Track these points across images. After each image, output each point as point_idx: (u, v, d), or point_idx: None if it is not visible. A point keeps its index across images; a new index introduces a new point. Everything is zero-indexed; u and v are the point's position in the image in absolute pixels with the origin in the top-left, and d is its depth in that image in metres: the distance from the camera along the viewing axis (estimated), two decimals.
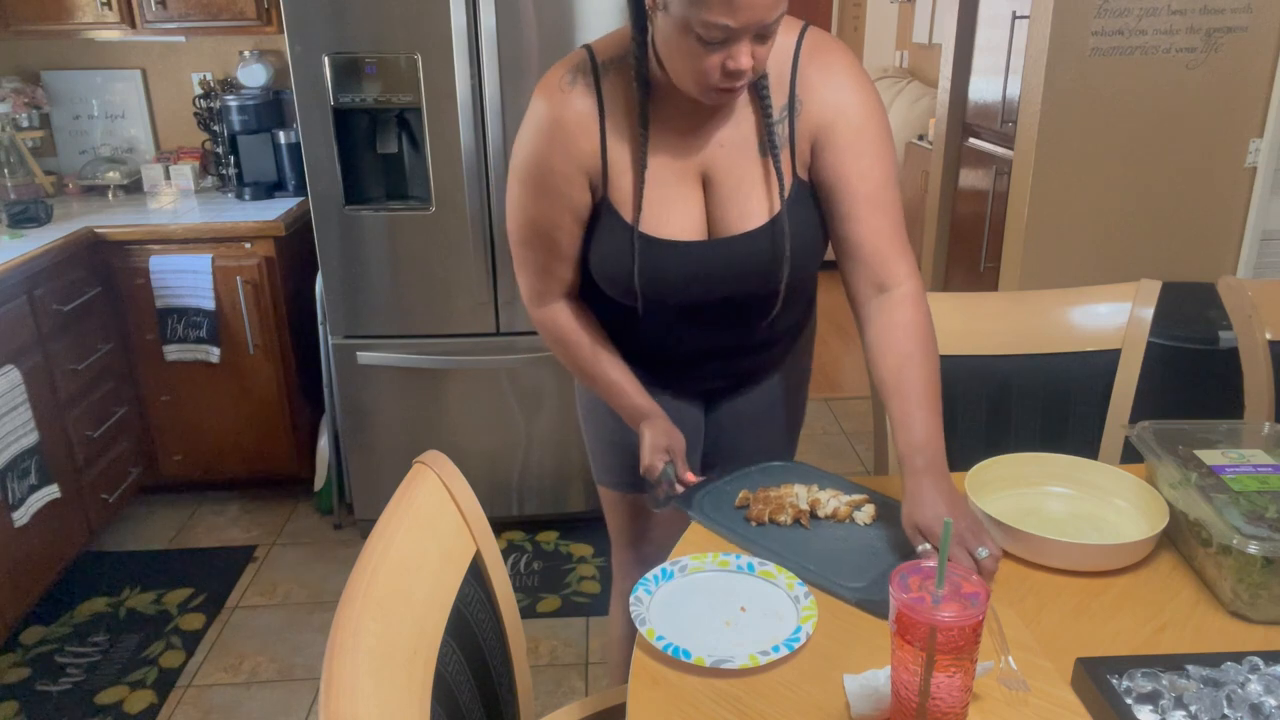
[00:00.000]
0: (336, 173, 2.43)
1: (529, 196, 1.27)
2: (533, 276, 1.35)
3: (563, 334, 1.38)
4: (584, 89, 1.22)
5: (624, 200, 1.24)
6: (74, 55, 3.09)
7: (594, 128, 1.22)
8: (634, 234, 1.24)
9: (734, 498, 1.27)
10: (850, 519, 1.22)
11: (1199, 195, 2.92)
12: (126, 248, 2.66)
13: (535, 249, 1.31)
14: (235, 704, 2.17)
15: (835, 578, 1.10)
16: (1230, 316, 1.67)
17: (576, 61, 1.24)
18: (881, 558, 1.14)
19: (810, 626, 1.01)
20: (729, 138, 1.23)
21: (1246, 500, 1.11)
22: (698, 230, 1.25)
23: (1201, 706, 0.87)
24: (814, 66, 1.22)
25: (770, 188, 1.24)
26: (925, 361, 1.18)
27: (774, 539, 1.18)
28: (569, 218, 1.27)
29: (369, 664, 0.80)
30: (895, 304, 1.22)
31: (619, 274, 1.26)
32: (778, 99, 1.22)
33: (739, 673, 0.96)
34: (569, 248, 1.30)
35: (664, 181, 1.24)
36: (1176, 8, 2.71)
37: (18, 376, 2.24)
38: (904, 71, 6.11)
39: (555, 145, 1.22)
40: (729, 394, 1.49)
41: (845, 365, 4.12)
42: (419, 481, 1.04)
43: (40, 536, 2.35)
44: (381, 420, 2.66)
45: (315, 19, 2.30)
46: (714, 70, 1.09)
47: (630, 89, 1.21)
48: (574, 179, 1.24)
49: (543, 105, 1.23)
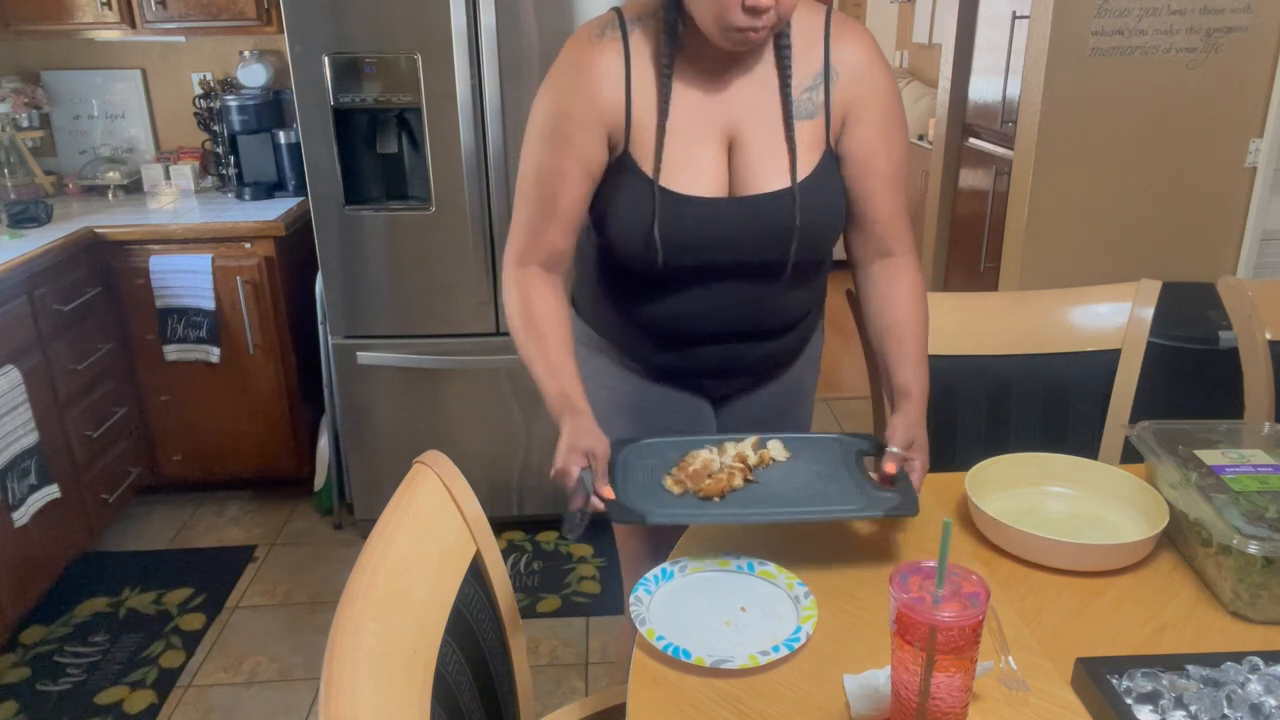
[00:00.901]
0: (336, 173, 2.43)
1: (540, 143, 1.25)
2: (523, 234, 1.30)
3: (528, 297, 1.30)
4: (611, 41, 1.23)
5: (645, 154, 1.23)
6: (74, 55, 3.09)
7: (619, 79, 1.22)
8: (654, 187, 1.23)
9: (658, 489, 1.18)
10: (770, 459, 1.23)
11: (1199, 195, 2.92)
12: (126, 248, 2.65)
13: (533, 203, 1.28)
14: (235, 704, 2.17)
15: (841, 506, 1.12)
16: (1230, 316, 1.67)
17: (605, 19, 1.25)
18: (843, 474, 1.19)
19: (810, 626, 1.01)
20: (759, 101, 1.24)
21: (1246, 500, 1.11)
22: (719, 188, 1.25)
23: (1201, 706, 0.87)
24: (848, 41, 1.26)
25: (798, 153, 1.24)
26: (925, 316, 1.34)
27: (745, 504, 1.14)
28: (577, 170, 1.24)
29: (369, 664, 0.80)
30: (902, 267, 1.34)
31: (638, 230, 1.24)
32: (810, 66, 1.24)
33: (739, 673, 0.96)
34: (569, 205, 1.27)
35: (688, 138, 1.23)
36: (1176, 8, 2.71)
37: (18, 376, 2.24)
38: (904, 71, 6.11)
39: (577, 92, 1.22)
40: (740, 394, 1.47)
41: (845, 365, 4.12)
42: (419, 481, 1.04)
43: (40, 536, 2.35)
44: (381, 420, 2.66)
45: (315, 19, 2.30)
46: (734, 6, 1.09)
47: (658, 42, 1.22)
48: (590, 128, 1.23)
49: (568, 54, 1.25)
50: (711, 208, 1.24)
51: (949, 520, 0.85)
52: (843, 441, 1.29)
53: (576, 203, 1.27)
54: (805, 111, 1.25)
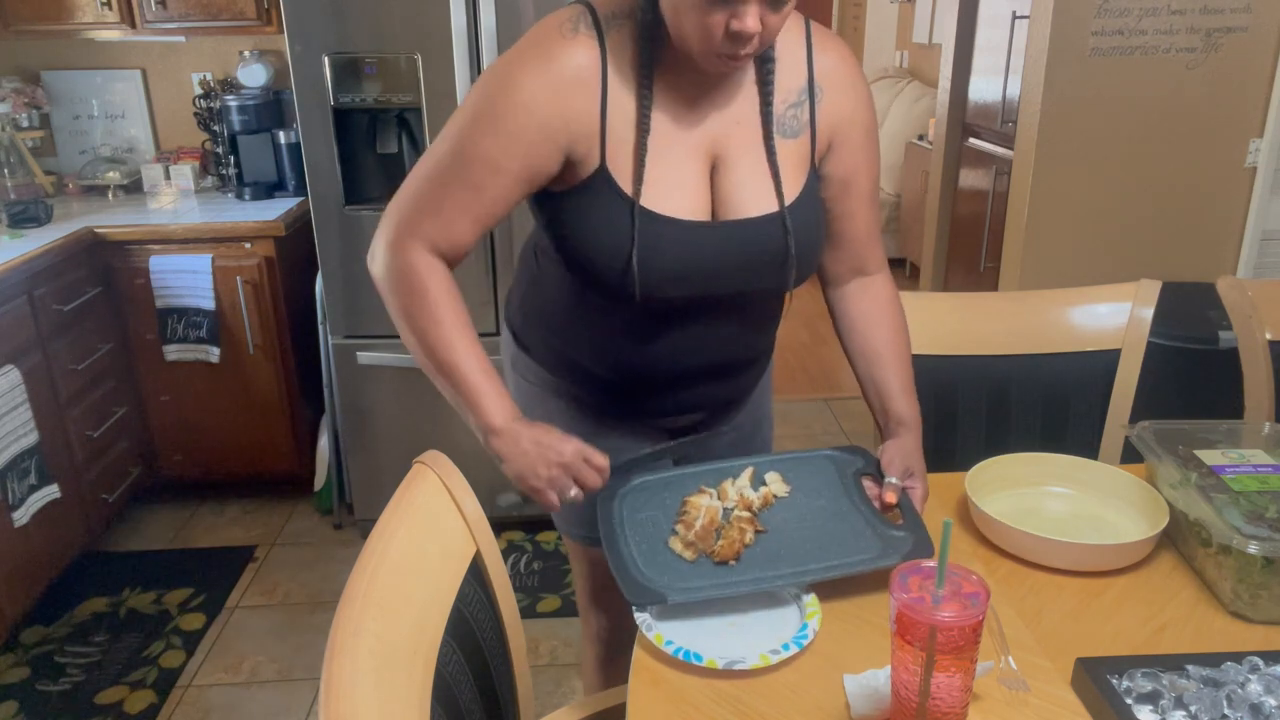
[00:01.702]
0: (336, 173, 2.43)
1: (479, 126, 1.08)
2: (421, 214, 1.12)
3: (426, 286, 1.13)
4: (586, 40, 1.08)
5: (623, 171, 1.10)
6: (74, 55, 3.09)
7: (594, 86, 1.08)
8: (634, 208, 1.10)
9: (667, 554, 1.10)
10: (773, 496, 1.18)
11: (1199, 195, 2.92)
12: (126, 248, 2.66)
13: (449, 187, 1.11)
14: (235, 704, 2.17)
15: (858, 556, 1.09)
16: (1230, 316, 1.67)
17: (574, 13, 1.10)
18: (848, 508, 1.17)
19: (816, 623, 1.01)
20: (745, 116, 1.15)
21: (1246, 500, 1.11)
22: (702, 211, 1.14)
23: (1201, 706, 0.87)
24: (830, 56, 1.18)
25: (785, 174, 1.15)
26: (908, 336, 1.31)
27: (763, 564, 1.08)
28: (517, 169, 1.09)
29: (369, 664, 0.80)
30: (879, 285, 1.32)
31: (614, 255, 1.10)
32: (794, 81, 1.16)
33: (751, 673, 0.96)
34: (491, 203, 1.11)
35: (670, 155, 1.12)
36: (1176, 8, 2.71)
37: (18, 376, 2.24)
38: (904, 71, 6.11)
39: (541, 87, 1.07)
40: (702, 427, 1.34)
41: (845, 365, 4.12)
42: (419, 481, 1.04)
43: (40, 536, 2.35)
44: (381, 420, 2.66)
45: (315, 19, 2.30)
46: (718, 29, 1.00)
47: (636, 48, 1.09)
48: (548, 131, 1.08)
49: (537, 40, 1.09)
50: (696, 232, 1.12)
51: (949, 520, 0.85)
52: (835, 460, 1.26)
53: (501, 201, 1.12)
54: (790, 129, 1.16)
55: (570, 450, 1.11)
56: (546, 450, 1.11)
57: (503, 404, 1.14)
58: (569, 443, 1.12)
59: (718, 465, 1.25)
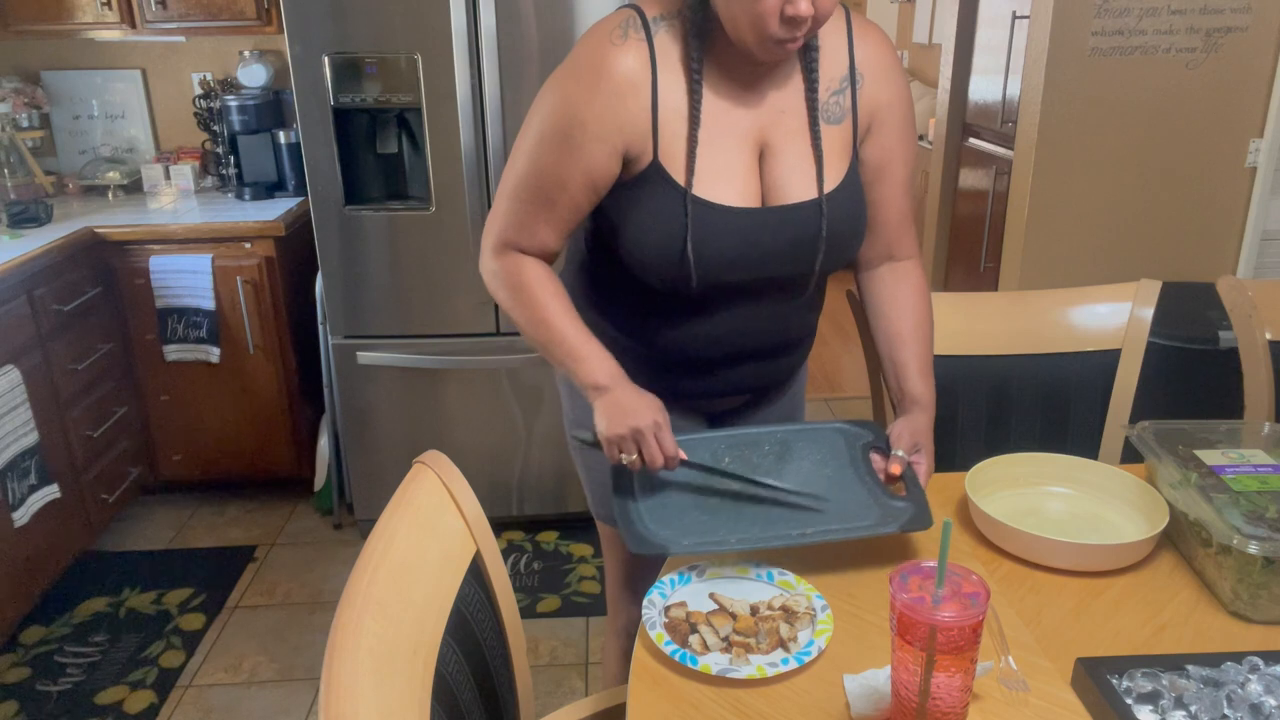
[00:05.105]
0: (336, 173, 2.43)
1: (544, 145, 1.17)
2: (510, 228, 1.23)
3: (525, 279, 1.23)
4: (636, 44, 1.14)
5: (676, 163, 1.16)
6: (74, 55, 3.09)
7: (644, 87, 1.14)
8: (687, 197, 1.16)
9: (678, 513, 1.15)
10: (789, 615, 1.05)
11: (1199, 195, 2.92)
12: (126, 248, 2.65)
13: (527, 204, 1.21)
14: (235, 704, 2.17)
15: (858, 522, 1.12)
16: (1230, 316, 1.67)
17: (624, 17, 1.16)
18: (851, 477, 1.20)
19: (824, 641, 0.99)
20: (790, 104, 1.20)
21: (1246, 500, 1.11)
22: (752, 197, 1.19)
23: (1201, 706, 0.87)
24: (869, 44, 1.24)
25: (829, 160, 1.20)
26: (932, 322, 1.35)
27: (764, 524, 1.12)
28: (580, 180, 1.18)
29: (369, 664, 0.80)
30: (909, 271, 1.34)
31: (669, 244, 1.17)
32: (835, 69, 1.21)
33: (745, 683, 0.96)
34: (567, 213, 1.21)
35: (719, 145, 1.17)
36: (1176, 8, 2.71)
37: (18, 376, 2.24)
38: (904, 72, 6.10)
39: (595, 100, 1.14)
40: (742, 412, 1.41)
41: (845, 365, 4.12)
42: (419, 481, 1.04)
43: (40, 536, 2.35)
44: (381, 420, 2.66)
45: (315, 19, 2.30)
46: (772, 16, 1.05)
47: (685, 44, 1.15)
48: (605, 140, 1.15)
49: (586, 55, 1.15)
50: (746, 218, 1.18)
51: (949, 520, 0.85)
52: (845, 433, 1.29)
53: (574, 210, 1.21)
54: (833, 116, 1.21)
55: (649, 422, 1.15)
56: (628, 413, 1.15)
57: (604, 365, 1.20)
58: (652, 414, 1.15)
59: (743, 431, 1.29)
